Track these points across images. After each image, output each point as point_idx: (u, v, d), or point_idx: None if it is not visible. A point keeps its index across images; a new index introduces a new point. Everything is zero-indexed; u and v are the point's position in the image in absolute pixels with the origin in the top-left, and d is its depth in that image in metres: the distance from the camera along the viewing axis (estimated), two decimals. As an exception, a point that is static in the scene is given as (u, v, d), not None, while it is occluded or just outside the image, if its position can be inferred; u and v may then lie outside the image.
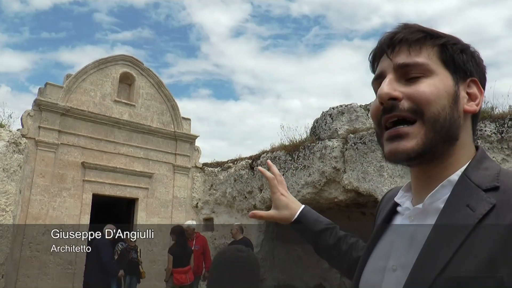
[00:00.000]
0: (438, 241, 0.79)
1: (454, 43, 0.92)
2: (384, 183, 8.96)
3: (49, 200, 11.10)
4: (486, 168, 0.87)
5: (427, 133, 0.86)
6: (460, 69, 0.91)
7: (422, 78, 0.88)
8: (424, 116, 0.86)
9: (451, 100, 0.88)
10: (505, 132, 7.51)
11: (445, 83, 0.89)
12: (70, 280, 11.05)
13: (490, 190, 0.80)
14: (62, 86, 11.96)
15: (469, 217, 0.78)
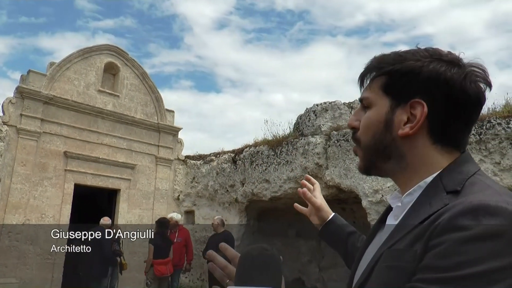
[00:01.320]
0: (398, 229, 0.95)
1: (398, 69, 1.00)
2: (366, 180, 9.10)
3: (30, 189, 11.01)
4: (460, 172, 0.96)
5: (365, 156, 1.07)
6: (399, 93, 1.00)
7: (367, 109, 1.06)
8: (360, 144, 1.07)
9: (382, 127, 1.02)
10: (483, 134, 7.68)
11: (379, 112, 1.03)
12: (49, 270, 11.00)
13: (451, 193, 0.91)
14: (45, 74, 11.83)
15: (426, 211, 0.91)
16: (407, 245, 0.87)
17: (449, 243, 0.79)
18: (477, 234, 0.78)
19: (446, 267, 0.77)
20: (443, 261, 0.78)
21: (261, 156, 11.53)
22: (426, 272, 0.80)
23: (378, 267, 0.92)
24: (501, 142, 7.53)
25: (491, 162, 7.64)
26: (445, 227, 0.82)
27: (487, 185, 0.93)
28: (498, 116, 7.73)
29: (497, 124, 7.57)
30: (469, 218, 0.80)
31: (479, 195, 0.87)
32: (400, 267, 0.86)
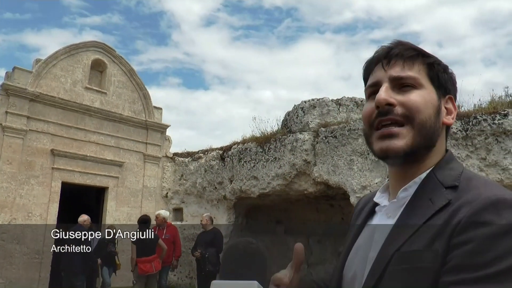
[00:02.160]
0: (401, 226, 0.95)
1: (439, 63, 1.06)
2: (354, 177, 9.15)
3: (16, 187, 10.90)
4: (452, 168, 1.01)
5: (415, 136, 0.98)
6: (442, 86, 1.05)
7: (413, 89, 1.01)
8: (414, 122, 0.99)
9: (435, 111, 1.02)
10: (470, 130, 7.76)
11: (431, 96, 1.02)
12: (37, 270, 10.90)
13: (450, 188, 0.95)
14: (31, 71, 11.70)
15: (429, 208, 0.93)
16: (425, 245, 0.87)
17: (478, 240, 0.81)
18: (503, 228, 0.81)
19: (482, 265, 0.79)
20: (477, 259, 0.80)
21: (249, 153, 11.53)
22: (462, 273, 0.80)
23: (393, 270, 0.90)
24: (486, 138, 7.61)
25: (477, 158, 7.72)
26: (468, 224, 0.83)
27: (484, 180, 0.98)
28: (484, 112, 7.81)
29: (483, 120, 7.65)
30: (492, 212, 0.83)
31: (487, 189, 0.90)
32: (422, 269, 0.86)
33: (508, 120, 7.42)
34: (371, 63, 1.09)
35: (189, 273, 12.38)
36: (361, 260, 1.04)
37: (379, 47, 1.10)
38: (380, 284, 0.92)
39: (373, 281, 0.94)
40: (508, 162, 7.40)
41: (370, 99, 1.07)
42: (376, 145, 1.02)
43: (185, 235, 12.79)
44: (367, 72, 1.11)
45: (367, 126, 1.05)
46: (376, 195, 1.15)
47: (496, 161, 7.51)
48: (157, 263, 8.97)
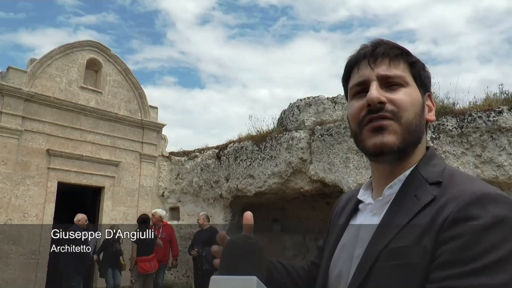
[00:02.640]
0: (388, 224, 0.97)
1: (419, 62, 1.09)
2: (350, 174, 9.17)
3: (11, 188, 10.86)
4: (434, 165, 1.03)
5: (404, 133, 1.00)
6: (423, 84, 1.08)
7: (400, 87, 1.03)
8: (401, 119, 1.00)
9: (420, 109, 1.05)
10: (465, 127, 7.79)
11: (417, 94, 1.05)
12: (33, 270, 10.87)
13: (434, 184, 0.97)
14: (25, 71, 11.65)
15: (415, 204, 0.95)
16: (413, 242, 0.89)
17: (466, 235, 0.83)
18: (489, 222, 0.83)
19: (470, 259, 0.81)
20: (465, 253, 0.82)
21: (245, 152, 11.54)
22: (451, 268, 0.82)
23: (380, 267, 0.92)
24: (482, 135, 7.64)
25: (473, 155, 7.76)
26: (455, 219, 0.86)
27: (466, 175, 1.00)
28: (479, 109, 7.84)
29: (478, 118, 7.68)
30: (477, 207, 0.86)
31: (472, 185, 0.92)
32: (411, 264, 0.88)
33: (502, 117, 7.46)
34: (355, 61, 1.09)
35: (186, 272, 12.39)
36: (347, 258, 1.05)
37: (360, 45, 1.11)
38: (368, 281, 0.93)
39: (360, 278, 0.95)
40: (503, 159, 7.44)
41: (356, 98, 1.07)
42: (368, 141, 1.02)
43: (181, 234, 12.79)
44: (350, 70, 1.11)
45: (356, 125, 1.06)
46: (360, 193, 1.16)
47: (491, 158, 7.55)
48: (155, 262, 9.00)
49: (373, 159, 1.07)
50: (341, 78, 1.16)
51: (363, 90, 1.05)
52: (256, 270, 0.89)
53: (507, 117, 7.45)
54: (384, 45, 1.06)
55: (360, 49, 1.09)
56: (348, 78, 1.12)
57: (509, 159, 7.42)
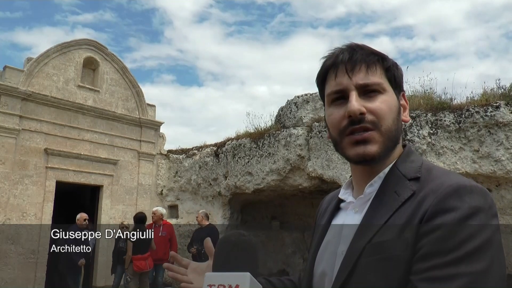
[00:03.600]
0: (370, 220, 0.99)
1: (393, 63, 1.10)
2: (348, 171, 9.17)
3: (10, 187, 10.85)
4: (412, 161, 1.07)
5: (385, 141, 1.03)
6: (398, 85, 1.10)
7: (378, 94, 1.05)
8: (382, 128, 1.03)
9: (397, 113, 1.07)
10: (463, 122, 7.80)
11: (393, 99, 1.07)
12: (32, 270, 10.87)
13: (413, 180, 1.00)
14: (22, 70, 11.63)
15: (395, 200, 0.98)
16: (395, 236, 0.92)
17: (445, 226, 0.86)
18: (466, 212, 0.87)
19: (451, 249, 0.84)
20: (446, 243, 0.85)
21: (244, 149, 11.54)
22: (433, 259, 0.85)
23: (364, 262, 0.94)
24: (479, 130, 7.65)
25: (470, 150, 7.77)
26: (434, 212, 0.89)
27: (444, 170, 1.03)
28: (476, 104, 7.85)
29: (475, 113, 7.69)
30: (455, 199, 0.89)
31: (448, 178, 0.96)
32: (394, 257, 0.90)
33: (500, 112, 7.47)
34: (332, 65, 1.09)
35: (185, 269, 12.38)
36: (330, 256, 1.07)
37: (334, 49, 1.11)
38: (352, 276, 0.95)
39: (344, 275, 0.97)
40: (501, 153, 7.45)
41: (335, 105, 1.08)
42: (351, 150, 1.04)
43: (180, 232, 12.80)
44: (325, 73, 1.12)
45: (337, 133, 1.07)
46: (341, 192, 1.19)
47: (489, 152, 7.56)
48: (151, 261, 8.99)
49: (355, 164, 1.09)
50: (316, 79, 1.17)
51: (342, 98, 1.06)
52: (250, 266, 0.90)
53: (504, 112, 7.46)
54: (360, 51, 1.07)
55: (336, 53, 1.09)
56: (324, 81, 1.13)
57: (507, 154, 7.43)
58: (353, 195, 1.14)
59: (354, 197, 1.12)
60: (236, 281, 0.85)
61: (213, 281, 0.86)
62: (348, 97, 1.04)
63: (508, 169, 7.41)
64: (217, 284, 0.85)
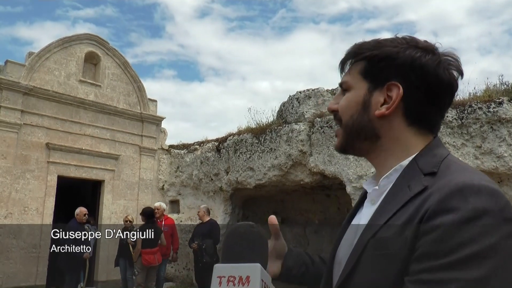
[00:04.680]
0: (379, 213, 0.98)
1: (376, 54, 1.06)
2: (350, 166, 9.16)
3: (11, 182, 10.86)
4: (434, 155, 1.02)
5: (344, 135, 1.12)
6: (376, 77, 1.06)
7: (346, 92, 1.12)
8: (342, 122, 1.12)
9: (360, 108, 1.08)
10: (465, 118, 7.77)
11: (357, 94, 1.09)
12: (34, 264, 10.90)
13: (428, 175, 0.96)
14: (24, 65, 11.62)
15: (406, 194, 0.95)
16: (396, 233, 0.90)
17: (444, 227, 0.82)
18: (468, 215, 0.81)
19: (446, 252, 0.80)
20: (442, 246, 0.81)
21: (245, 144, 11.53)
22: (428, 261, 0.82)
23: (367, 256, 0.93)
24: (482, 126, 7.63)
25: (473, 146, 7.75)
26: (435, 210, 0.85)
27: (462, 166, 0.98)
28: (479, 100, 7.82)
29: (478, 109, 7.67)
30: (458, 199, 0.84)
31: (459, 175, 0.91)
32: (392, 255, 0.88)
33: (503, 108, 7.44)
34: None
35: (186, 264, 12.42)
36: (348, 246, 1.06)
37: None
38: (356, 270, 0.95)
39: (349, 267, 0.97)
40: (503, 150, 7.43)
41: None
42: None
43: (182, 227, 12.81)
44: None
45: None
46: (365, 182, 1.18)
47: (491, 149, 7.54)
48: (159, 255, 9.01)
49: None
50: None
51: None
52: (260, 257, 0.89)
53: (507, 108, 7.43)
54: (348, 50, 1.13)
55: None
56: None
57: (509, 150, 7.41)
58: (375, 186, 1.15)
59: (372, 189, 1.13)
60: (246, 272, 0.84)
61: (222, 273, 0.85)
62: None
63: (511, 165, 7.39)
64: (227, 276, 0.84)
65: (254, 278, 0.83)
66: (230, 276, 0.84)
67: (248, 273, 0.84)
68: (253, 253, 0.90)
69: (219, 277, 0.85)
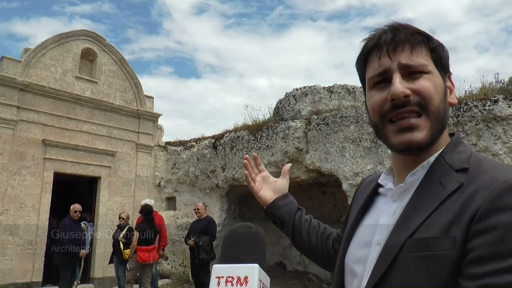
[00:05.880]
0: (412, 212, 0.94)
1: (439, 44, 1.05)
2: (346, 164, 9.19)
3: (7, 178, 10.83)
4: (460, 151, 1.01)
5: (433, 125, 0.98)
6: (444, 66, 1.04)
7: (423, 75, 0.99)
8: (429, 110, 0.97)
9: (444, 94, 1.02)
10: (461, 116, 7.80)
11: (439, 80, 1.01)
12: (30, 261, 10.90)
13: (460, 171, 0.94)
14: (20, 61, 11.57)
15: (441, 192, 0.92)
16: (440, 232, 0.86)
17: (502, 227, 0.79)
18: None
19: (508, 253, 0.77)
20: (503, 247, 0.78)
21: (242, 141, 11.54)
22: (490, 263, 0.79)
23: (406, 257, 0.89)
24: (477, 124, 7.66)
25: (468, 144, 7.77)
26: (489, 210, 0.82)
27: (495, 162, 0.96)
28: (474, 98, 7.85)
29: (473, 107, 7.70)
30: (511, 196, 0.82)
31: (502, 172, 0.89)
32: (439, 256, 0.85)
33: (498, 106, 7.47)
34: (374, 47, 1.05)
35: (182, 261, 12.44)
36: (365, 244, 1.04)
37: (376, 30, 1.06)
38: (392, 270, 0.91)
39: (383, 267, 0.92)
40: (498, 147, 7.46)
41: (376, 89, 1.04)
42: (395, 138, 0.99)
43: (178, 223, 12.83)
44: (367, 55, 1.07)
45: (378, 118, 1.03)
46: (381, 177, 1.15)
47: (487, 146, 7.57)
48: (155, 253, 8.98)
49: (399, 153, 1.05)
50: (356, 62, 1.12)
51: (384, 81, 1.02)
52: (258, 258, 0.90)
53: (502, 106, 7.46)
54: (404, 30, 1.01)
55: (378, 34, 1.04)
56: (365, 64, 1.09)
57: (504, 148, 7.44)
58: (393, 182, 1.10)
59: (394, 185, 1.08)
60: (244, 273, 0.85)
61: (221, 273, 0.86)
62: (391, 80, 0.99)
63: (506, 163, 7.41)
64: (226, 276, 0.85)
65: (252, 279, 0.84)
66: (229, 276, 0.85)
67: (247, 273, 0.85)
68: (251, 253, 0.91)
69: (217, 278, 0.86)
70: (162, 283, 11.27)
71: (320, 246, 1.44)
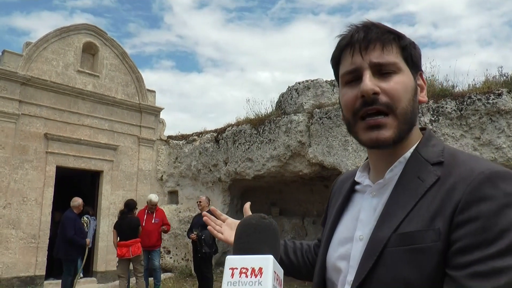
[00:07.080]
0: (394, 207, 0.96)
1: (411, 42, 1.06)
2: (349, 157, 9.17)
3: (10, 172, 10.84)
4: (434, 145, 1.03)
5: (400, 125, 1.00)
6: (415, 65, 1.06)
7: (393, 74, 1.01)
8: (396, 111, 0.99)
9: (413, 93, 1.03)
10: (464, 110, 7.77)
11: (409, 79, 1.03)
12: (33, 254, 10.93)
13: (436, 164, 0.97)
14: (21, 54, 11.55)
15: (420, 186, 0.95)
16: (424, 225, 0.89)
17: (483, 216, 0.83)
18: (503, 200, 0.84)
19: (492, 240, 0.81)
20: (486, 235, 0.82)
21: (244, 135, 11.53)
22: (475, 252, 0.82)
23: (391, 251, 0.92)
24: (481, 117, 7.63)
25: (471, 137, 7.75)
26: (469, 200, 0.86)
27: (468, 154, 1.00)
28: (478, 92, 7.82)
29: (477, 100, 7.66)
30: (489, 186, 0.86)
31: (477, 164, 0.92)
32: (424, 248, 0.88)
33: (502, 100, 7.44)
34: (347, 45, 1.06)
35: (185, 255, 12.47)
36: (346, 241, 1.06)
37: (350, 27, 1.08)
38: (379, 265, 0.93)
39: (370, 263, 0.94)
40: (502, 141, 7.44)
41: (348, 86, 1.06)
42: (364, 135, 1.02)
43: (180, 217, 12.85)
44: (340, 53, 1.09)
45: (350, 114, 1.05)
46: (357, 175, 1.17)
47: (490, 140, 7.55)
48: (136, 248, 8.87)
49: (369, 149, 1.09)
50: (330, 60, 1.14)
51: (356, 78, 1.04)
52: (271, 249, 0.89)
53: (506, 99, 7.43)
54: (376, 29, 1.03)
55: (351, 32, 1.06)
56: (338, 61, 1.10)
57: (508, 141, 7.42)
58: (369, 178, 1.12)
59: (372, 181, 1.10)
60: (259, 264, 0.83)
61: (235, 264, 0.85)
62: (362, 77, 1.01)
63: (509, 156, 7.40)
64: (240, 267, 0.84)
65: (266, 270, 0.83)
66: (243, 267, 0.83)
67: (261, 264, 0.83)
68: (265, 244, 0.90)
69: (231, 269, 0.84)
70: (164, 277, 11.29)
71: (302, 260, 1.46)
